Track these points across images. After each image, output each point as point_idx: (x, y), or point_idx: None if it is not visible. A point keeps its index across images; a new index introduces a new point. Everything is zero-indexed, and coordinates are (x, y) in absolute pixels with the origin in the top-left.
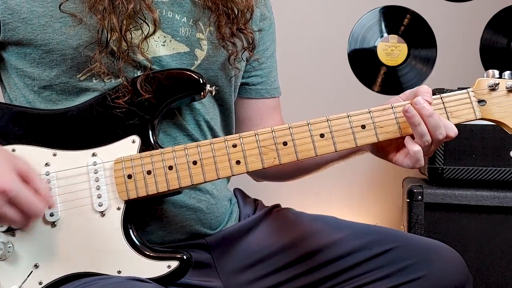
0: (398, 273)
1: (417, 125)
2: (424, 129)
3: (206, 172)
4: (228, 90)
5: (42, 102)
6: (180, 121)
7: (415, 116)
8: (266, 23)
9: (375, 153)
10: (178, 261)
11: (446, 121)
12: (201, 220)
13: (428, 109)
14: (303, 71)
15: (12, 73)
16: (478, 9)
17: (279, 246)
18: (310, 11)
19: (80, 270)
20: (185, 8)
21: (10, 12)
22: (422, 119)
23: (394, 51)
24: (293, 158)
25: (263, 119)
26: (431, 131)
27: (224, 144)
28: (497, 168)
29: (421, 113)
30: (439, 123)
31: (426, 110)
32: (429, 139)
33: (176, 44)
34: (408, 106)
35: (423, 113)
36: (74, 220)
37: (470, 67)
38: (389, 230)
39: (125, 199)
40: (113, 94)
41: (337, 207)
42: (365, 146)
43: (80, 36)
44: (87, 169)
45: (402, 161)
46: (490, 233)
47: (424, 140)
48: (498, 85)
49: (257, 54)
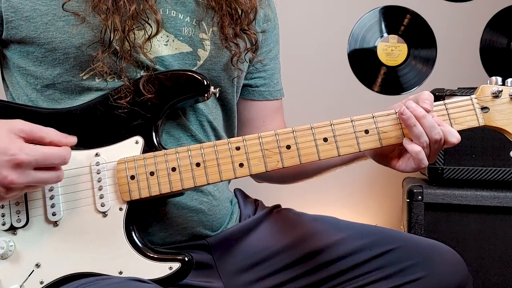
0: (398, 274)
1: (413, 126)
2: (421, 129)
3: (209, 174)
4: (230, 91)
5: (44, 100)
6: (183, 122)
7: (410, 118)
8: (270, 24)
9: (377, 159)
10: (179, 262)
11: (448, 127)
12: (202, 222)
13: (421, 111)
14: (303, 71)
15: (14, 71)
16: (478, 9)
17: (280, 247)
18: (310, 11)
19: (81, 270)
20: (189, 7)
21: (13, 10)
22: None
23: (394, 51)
24: (296, 162)
25: (266, 121)
26: (427, 132)
27: (228, 146)
28: (497, 168)
29: (415, 115)
30: (434, 123)
31: (419, 112)
32: (426, 140)
33: (179, 44)
34: (404, 108)
35: (416, 115)
36: (76, 220)
37: (470, 67)
38: (389, 231)
39: (128, 200)
40: (116, 94)
41: (337, 207)
42: (367, 152)
43: (83, 35)
44: (90, 169)
45: (406, 165)
46: (490, 233)
47: (422, 141)
48: (501, 92)
49: (260, 56)
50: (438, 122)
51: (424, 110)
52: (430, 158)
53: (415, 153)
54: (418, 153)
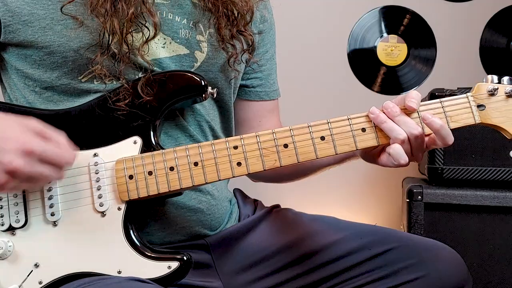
0: (397, 273)
1: (383, 122)
2: (391, 125)
3: (207, 173)
4: (227, 92)
5: (42, 102)
6: (181, 122)
7: (378, 116)
8: (266, 25)
9: (365, 157)
10: (178, 262)
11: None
12: (201, 221)
13: (396, 111)
14: (303, 71)
15: (12, 73)
16: (478, 9)
17: (279, 246)
18: (310, 11)
19: (80, 270)
20: (186, 10)
21: (10, 14)
22: (391, 120)
23: (394, 51)
24: (294, 161)
25: (262, 121)
26: (404, 128)
27: (225, 145)
28: (497, 168)
29: (389, 116)
30: (408, 120)
31: (394, 112)
32: (400, 135)
33: (176, 46)
34: (372, 108)
35: (391, 115)
36: (75, 220)
37: (470, 67)
38: (388, 230)
39: (126, 200)
40: (114, 96)
41: (336, 207)
42: (357, 151)
43: (81, 38)
44: (88, 169)
45: (387, 160)
46: (490, 233)
47: (394, 136)
48: (497, 90)
49: (256, 57)
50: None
51: (400, 110)
52: (414, 157)
53: (391, 149)
54: (394, 149)
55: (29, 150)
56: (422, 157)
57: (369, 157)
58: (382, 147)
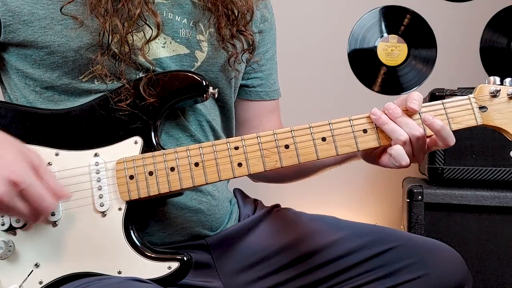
0: (397, 273)
1: (385, 124)
2: (393, 126)
3: (208, 174)
4: (228, 92)
5: (43, 102)
6: (182, 122)
7: (380, 117)
8: (267, 25)
9: (366, 158)
10: (178, 262)
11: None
12: (202, 222)
13: (398, 112)
14: (303, 71)
15: (12, 73)
16: (478, 9)
17: (279, 246)
18: (310, 11)
19: (81, 270)
20: (186, 9)
21: (10, 14)
22: (393, 121)
23: (394, 51)
24: (295, 161)
25: (262, 121)
26: (406, 130)
27: (226, 146)
28: (497, 168)
29: (391, 117)
30: (409, 121)
31: (396, 113)
32: (402, 136)
33: (176, 46)
34: (374, 109)
35: (392, 117)
36: (75, 220)
37: (470, 67)
38: (388, 230)
39: (127, 200)
40: (116, 97)
41: (337, 207)
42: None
43: (81, 38)
44: (89, 169)
45: (388, 160)
46: (490, 233)
47: (396, 137)
48: (499, 91)
49: (257, 56)
50: (425, 118)
51: (402, 112)
52: (415, 158)
53: (392, 150)
54: (395, 149)
55: (14, 180)
56: (423, 158)
57: (370, 157)
58: (383, 148)
